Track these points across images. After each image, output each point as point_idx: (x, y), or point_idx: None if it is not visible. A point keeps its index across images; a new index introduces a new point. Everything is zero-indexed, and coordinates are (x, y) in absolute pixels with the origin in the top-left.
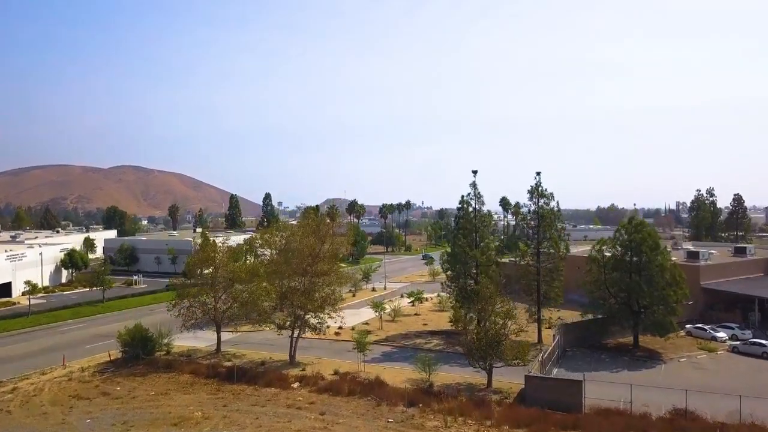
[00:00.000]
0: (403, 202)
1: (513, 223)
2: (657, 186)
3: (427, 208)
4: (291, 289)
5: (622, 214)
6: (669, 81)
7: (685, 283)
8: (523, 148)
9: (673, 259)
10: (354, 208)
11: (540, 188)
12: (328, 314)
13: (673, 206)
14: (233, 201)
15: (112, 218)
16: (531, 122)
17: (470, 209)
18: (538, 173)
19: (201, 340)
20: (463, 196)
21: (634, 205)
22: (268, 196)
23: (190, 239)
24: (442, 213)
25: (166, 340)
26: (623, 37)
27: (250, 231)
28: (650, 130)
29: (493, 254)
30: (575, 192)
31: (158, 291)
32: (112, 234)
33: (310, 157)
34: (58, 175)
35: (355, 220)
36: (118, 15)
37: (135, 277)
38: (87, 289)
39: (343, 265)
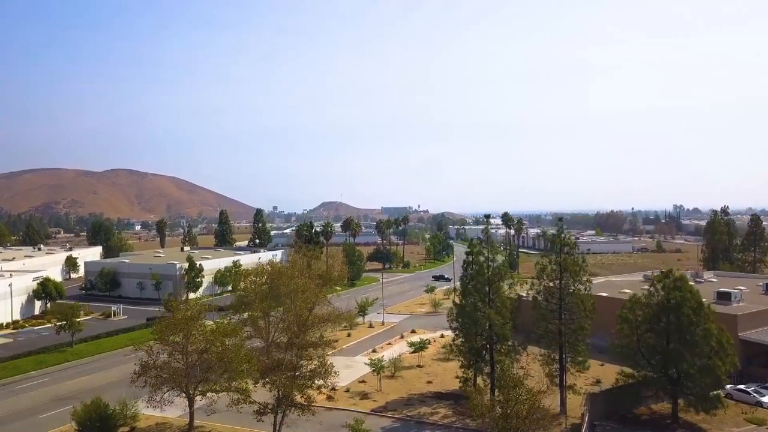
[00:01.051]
0: (401, 211)
1: (513, 233)
2: (654, 188)
3: (424, 211)
4: (276, 362)
5: (622, 222)
6: (667, 83)
7: (733, 350)
8: (521, 150)
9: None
10: (350, 225)
11: (563, 235)
12: (318, 390)
13: (670, 208)
14: (223, 216)
15: (97, 233)
16: (529, 124)
17: (482, 258)
18: (560, 219)
19: (173, 407)
20: (472, 241)
21: (632, 209)
22: (259, 213)
23: (175, 263)
24: (440, 225)
25: (132, 411)
26: (622, 39)
27: (240, 250)
28: (646, 132)
29: (509, 313)
30: (572, 194)
31: (136, 327)
32: (96, 251)
33: (306, 159)
34: (51, 179)
35: (351, 238)
36: (114, 18)
37: (114, 308)
38: (59, 324)
39: (338, 288)
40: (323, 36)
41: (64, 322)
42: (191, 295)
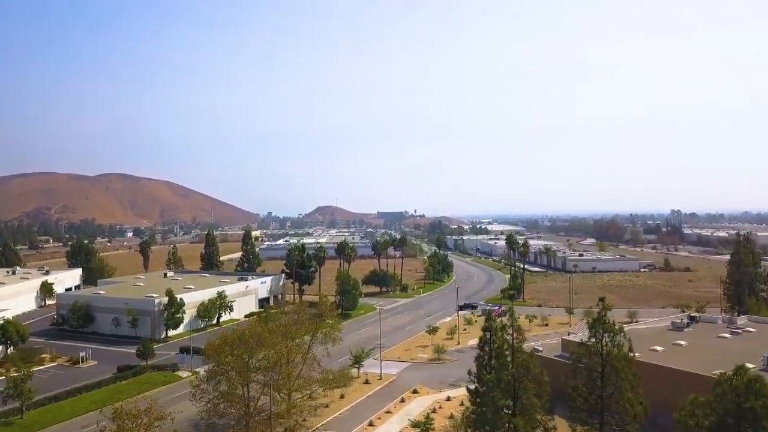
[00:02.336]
0: (397, 215)
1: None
2: (651, 190)
3: (420, 216)
4: None
5: (623, 231)
6: (665, 84)
7: None
8: (518, 152)
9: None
10: (344, 249)
11: (605, 319)
12: None
13: (667, 212)
14: (209, 238)
15: (77, 254)
16: (526, 125)
17: (505, 346)
18: (602, 299)
19: None
20: (491, 317)
21: (631, 214)
22: (248, 234)
23: (154, 296)
24: (438, 240)
25: None
26: (622, 39)
27: (227, 275)
28: (644, 133)
29: (539, 416)
30: (569, 195)
31: (103, 383)
32: (75, 274)
33: (302, 162)
34: (43, 184)
35: (346, 264)
36: (112, 18)
37: (82, 354)
38: (19, 374)
39: (330, 321)
40: (322, 36)
41: (12, 387)
42: (171, 333)
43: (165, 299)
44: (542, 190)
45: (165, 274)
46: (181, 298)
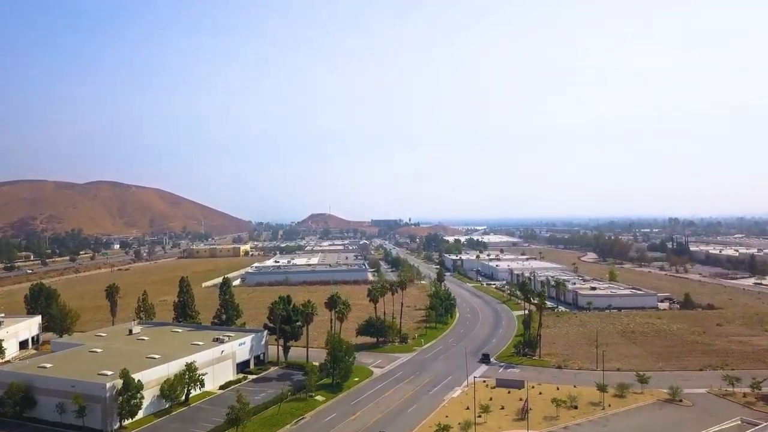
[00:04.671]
0: (391, 223)
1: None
2: (647, 193)
3: (415, 224)
4: None
5: (627, 248)
6: (663, 88)
7: None
8: (515, 155)
9: None
10: (335, 304)
11: None
12: None
13: (660, 216)
14: (183, 285)
15: (36, 298)
16: (524, 131)
17: None
18: None
19: None
20: None
21: (630, 224)
22: (226, 282)
23: (106, 376)
24: (440, 273)
25: None
26: (620, 44)
27: (201, 329)
28: (640, 137)
29: None
30: (566, 199)
31: None
32: (33, 323)
33: (295, 168)
34: (30, 192)
35: (338, 322)
36: (101, 25)
37: None
38: None
39: (319, 398)
40: (318, 40)
41: None
42: (127, 421)
43: (119, 382)
44: (538, 192)
45: (130, 331)
46: (138, 380)
